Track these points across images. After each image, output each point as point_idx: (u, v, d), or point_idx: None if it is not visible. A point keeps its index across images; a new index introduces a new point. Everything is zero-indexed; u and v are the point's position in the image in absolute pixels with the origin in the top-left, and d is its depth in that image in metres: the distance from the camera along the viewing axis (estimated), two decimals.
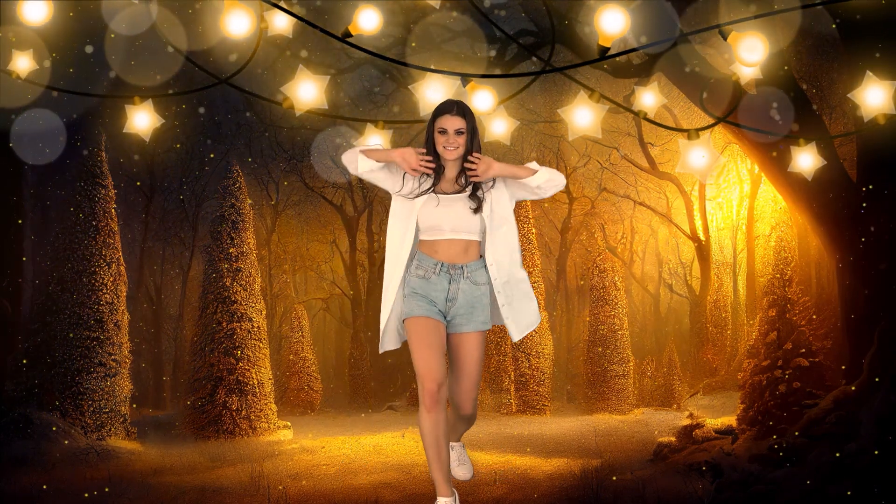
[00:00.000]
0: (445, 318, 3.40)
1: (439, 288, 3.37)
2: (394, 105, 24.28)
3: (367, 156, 3.36)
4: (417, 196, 3.40)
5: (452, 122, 3.36)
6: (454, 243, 3.38)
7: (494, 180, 3.44)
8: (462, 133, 3.36)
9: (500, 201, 3.43)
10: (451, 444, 3.73)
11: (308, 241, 31.36)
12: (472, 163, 3.34)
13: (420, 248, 3.44)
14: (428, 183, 3.42)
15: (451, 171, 3.44)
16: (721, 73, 4.32)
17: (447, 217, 3.37)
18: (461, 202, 3.38)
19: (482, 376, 21.64)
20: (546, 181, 3.36)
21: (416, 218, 3.40)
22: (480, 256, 3.45)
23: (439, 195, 3.40)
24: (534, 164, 3.41)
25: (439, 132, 3.37)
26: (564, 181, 3.41)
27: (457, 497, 3.37)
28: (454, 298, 3.38)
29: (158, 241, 28.55)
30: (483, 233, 3.42)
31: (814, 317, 12.39)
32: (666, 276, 32.97)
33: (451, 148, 3.36)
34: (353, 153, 3.38)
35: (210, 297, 17.43)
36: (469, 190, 3.40)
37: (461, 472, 3.72)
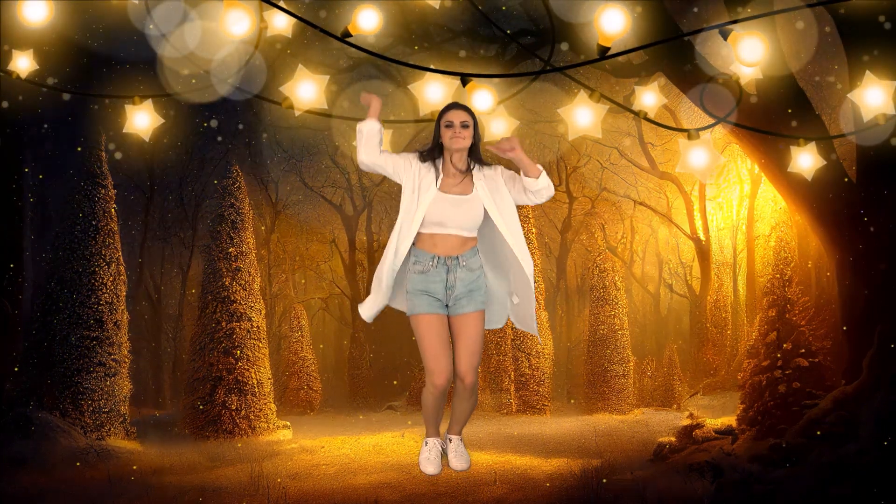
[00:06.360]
0: (447, 306, 3.66)
1: (438, 279, 3.60)
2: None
3: (369, 143, 3.66)
4: (418, 189, 3.58)
5: (458, 115, 3.58)
6: (452, 237, 3.60)
7: (496, 182, 3.64)
8: (467, 126, 3.57)
9: (504, 200, 3.63)
10: (450, 437, 3.98)
11: (308, 240, 31.35)
12: (500, 142, 3.51)
13: (417, 243, 3.63)
14: (430, 179, 3.58)
15: (459, 164, 3.62)
16: (721, 73, 4.32)
17: (455, 216, 3.57)
18: (467, 203, 3.58)
19: (481, 375, 21.72)
20: (547, 186, 3.57)
21: (423, 213, 3.57)
22: (475, 246, 3.68)
23: (448, 195, 3.58)
24: (540, 167, 3.60)
25: (446, 126, 3.59)
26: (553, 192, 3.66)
27: (439, 439, 3.91)
28: (453, 286, 3.62)
29: (158, 240, 28.54)
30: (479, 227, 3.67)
31: (812, 317, 12.39)
32: (666, 276, 32.98)
33: (458, 137, 3.56)
34: (360, 141, 3.69)
35: (209, 296, 17.42)
36: (476, 190, 3.59)
37: (457, 463, 3.92)
